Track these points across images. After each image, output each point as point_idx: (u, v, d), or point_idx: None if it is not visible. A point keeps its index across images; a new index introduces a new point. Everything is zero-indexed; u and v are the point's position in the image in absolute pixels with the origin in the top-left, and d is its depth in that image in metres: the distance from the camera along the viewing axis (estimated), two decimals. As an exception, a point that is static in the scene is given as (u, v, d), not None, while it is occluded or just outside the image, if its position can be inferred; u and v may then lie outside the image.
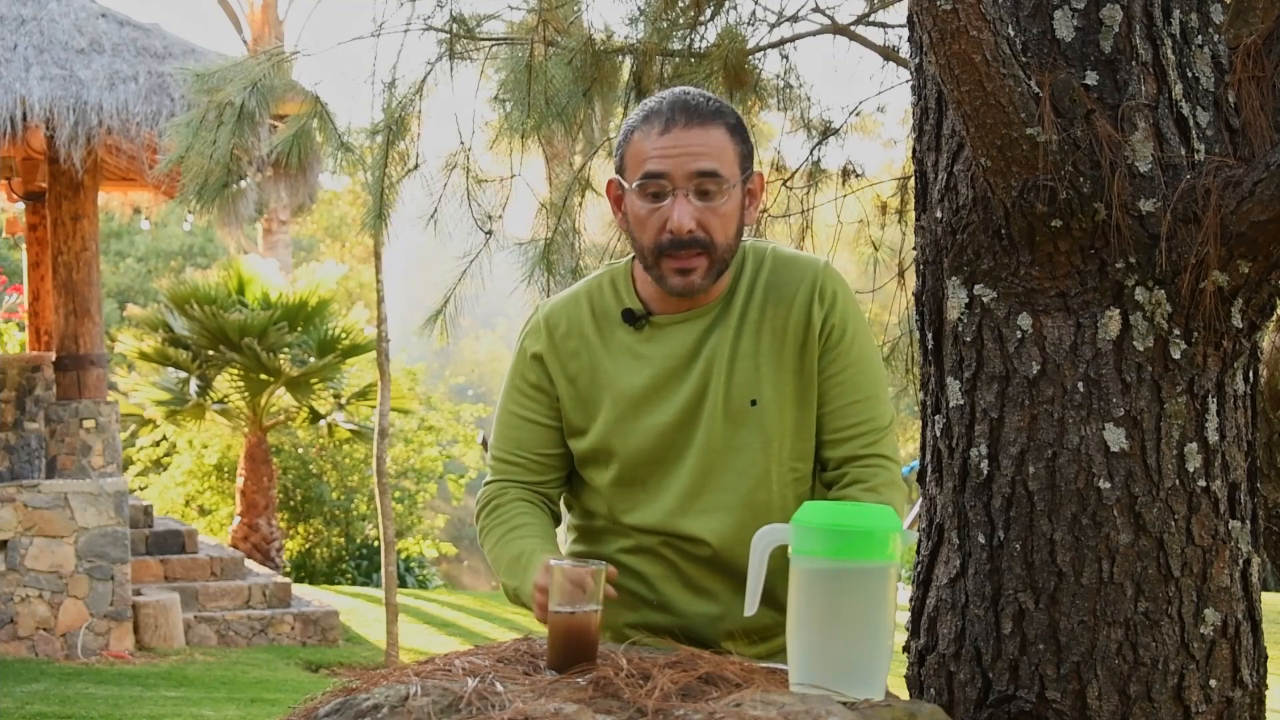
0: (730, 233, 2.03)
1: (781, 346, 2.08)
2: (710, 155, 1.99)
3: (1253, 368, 2.20)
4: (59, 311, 9.15)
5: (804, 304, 2.08)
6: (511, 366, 2.20)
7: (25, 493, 8.50)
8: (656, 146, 2.00)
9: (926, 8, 1.98)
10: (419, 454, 16.39)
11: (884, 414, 2.12)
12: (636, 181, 2.02)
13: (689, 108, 2.01)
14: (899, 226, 5.17)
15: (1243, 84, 2.15)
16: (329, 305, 13.01)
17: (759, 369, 2.08)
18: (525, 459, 2.19)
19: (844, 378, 2.09)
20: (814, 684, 1.62)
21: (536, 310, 2.21)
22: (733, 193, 2.02)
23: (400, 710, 1.56)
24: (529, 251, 5.02)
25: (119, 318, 19.56)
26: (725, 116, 2.03)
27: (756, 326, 2.09)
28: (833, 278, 2.10)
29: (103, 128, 8.35)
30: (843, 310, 2.09)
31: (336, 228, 27.85)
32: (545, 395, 2.16)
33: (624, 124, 2.10)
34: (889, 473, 2.10)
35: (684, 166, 1.98)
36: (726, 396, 2.08)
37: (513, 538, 2.12)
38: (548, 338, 2.15)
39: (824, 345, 2.08)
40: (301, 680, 8.34)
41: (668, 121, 2.00)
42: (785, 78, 5.03)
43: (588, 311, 2.15)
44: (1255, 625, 2.17)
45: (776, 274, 2.11)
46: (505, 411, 2.20)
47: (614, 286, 2.15)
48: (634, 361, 2.11)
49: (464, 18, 4.90)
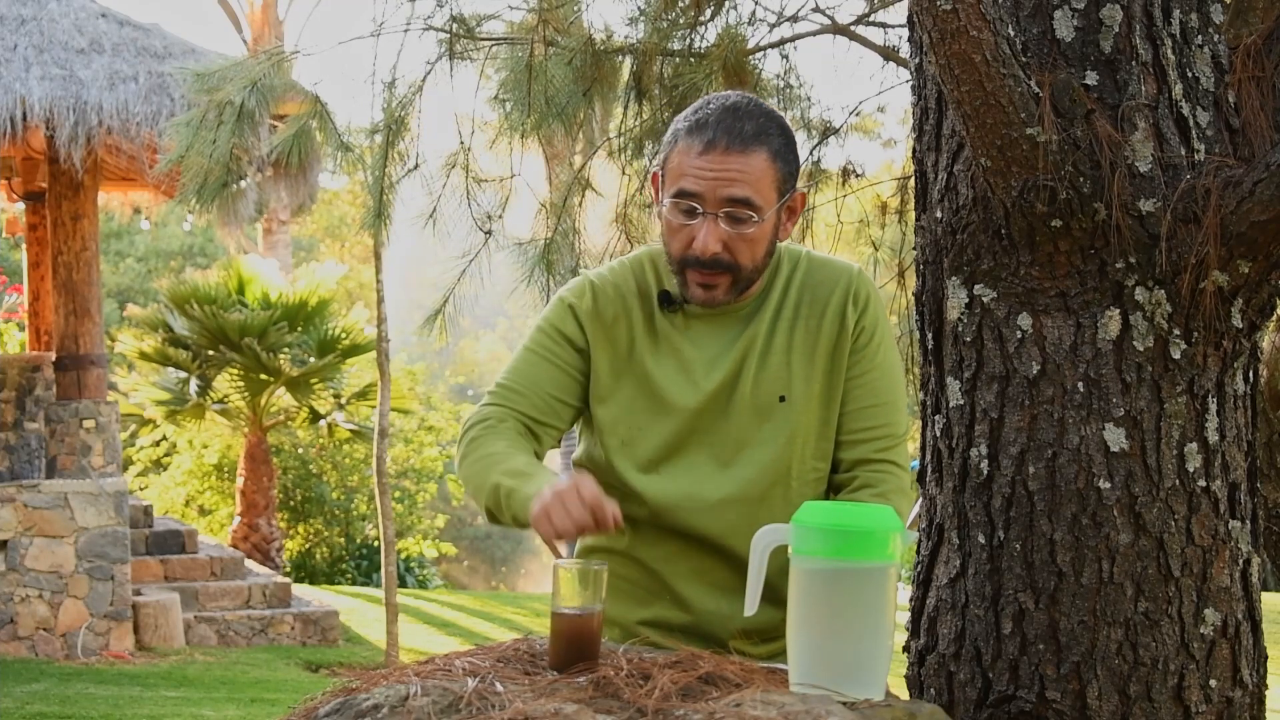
0: (758, 255, 2.05)
1: (815, 346, 2.10)
2: (746, 183, 1.99)
3: (1253, 368, 2.20)
4: (59, 311, 9.15)
5: (839, 306, 2.10)
6: (542, 318, 2.18)
7: (25, 493, 8.50)
8: (694, 165, 2.00)
9: (926, 8, 1.98)
10: (419, 454, 16.40)
11: (900, 422, 2.14)
12: (670, 196, 2.03)
13: (732, 131, 1.99)
14: (899, 226, 5.18)
15: (1243, 84, 2.15)
16: (329, 305, 13.01)
17: (790, 366, 2.10)
18: (533, 394, 2.13)
19: (866, 380, 2.11)
20: (814, 684, 1.62)
21: (579, 276, 2.21)
22: (765, 220, 2.02)
23: (400, 710, 1.56)
24: (529, 251, 5.02)
25: (119, 318, 19.57)
26: (770, 141, 2.01)
27: (790, 325, 2.11)
28: (866, 282, 2.14)
29: (103, 128, 8.35)
30: (873, 315, 2.12)
31: (336, 228, 27.85)
32: (574, 349, 2.14)
33: (674, 121, 2.09)
34: (898, 480, 2.11)
35: (717, 191, 1.99)
36: (755, 390, 2.09)
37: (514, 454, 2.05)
38: (593, 300, 2.15)
39: (852, 347, 2.11)
40: (301, 680, 8.34)
41: (709, 142, 1.99)
42: (785, 78, 5.03)
43: (634, 286, 2.16)
44: (1255, 625, 2.17)
45: (811, 276, 2.13)
46: (526, 351, 2.17)
47: (655, 267, 2.16)
48: (666, 344, 2.12)
49: (464, 18, 4.91)
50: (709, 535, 2.10)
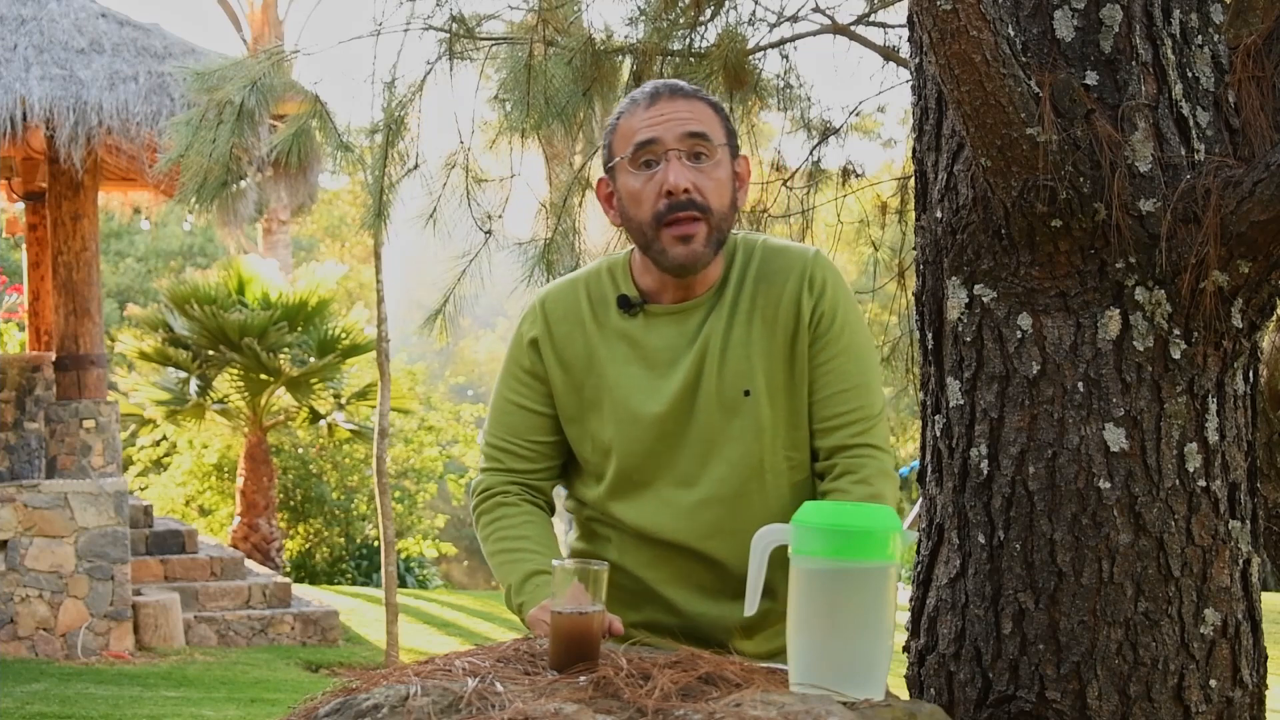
0: (725, 200, 2.06)
1: (773, 336, 2.09)
2: (698, 120, 2.05)
3: (1253, 368, 2.20)
4: (59, 311, 9.15)
5: (794, 293, 2.08)
6: (508, 352, 2.21)
7: (25, 493, 8.50)
8: (644, 118, 2.05)
9: (926, 8, 1.98)
10: (419, 454, 16.40)
11: (874, 403, 2.11)
12: (628, 157, 2.05)
13: (671, 85, 2.08)
14: (899, 226, 5.17)
15: (1243, 84, 2.15)
16: (329, 305, 13.00)
17: (751, 359, 2.09)
18: (519, 446, 2.19)
19: (833, 365, 2.09)
20: (814, 684, 1.62)
21: (536, 297, 2.22)
22: (723, 160, 2.06)
23: (400, 710, 1.56)
24: (529, 251, 5.02)
25: (119, 318, 19.56)
26: (707, 97, 2.10)
27: (748, 316, 2.09)
28: (822, 265, 2.10)
29: (103, 128, 8.35)
30: (832, 298, 2.09)
31: (336, 228, 27.85)
32: (540, 382, 2.17)
33: (609, 121, 2.14)
34: (879, 462, 2.09)
35: (673, 130, 2.03)
36: (719, 387, 2.08)
37: (522, 551, 2.14)
38: (544, 323, 2.16)
39: (814, 333, 2.08)
40: (301, 680, 8.34)
41: (653, 95, 2.07)
42: (785, 78, 5.03)
43: (585, 298, 2.16)
44: (1255, 625, 2.17)
45: (767, 264, 2.12)
46: (500, 397, 2.21)
47: (611, 275, 2.16)
48: (628, 350, 2.12)
49: (464, 17, 4.90)
50: (688, 542, 2.11)
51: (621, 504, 2.14)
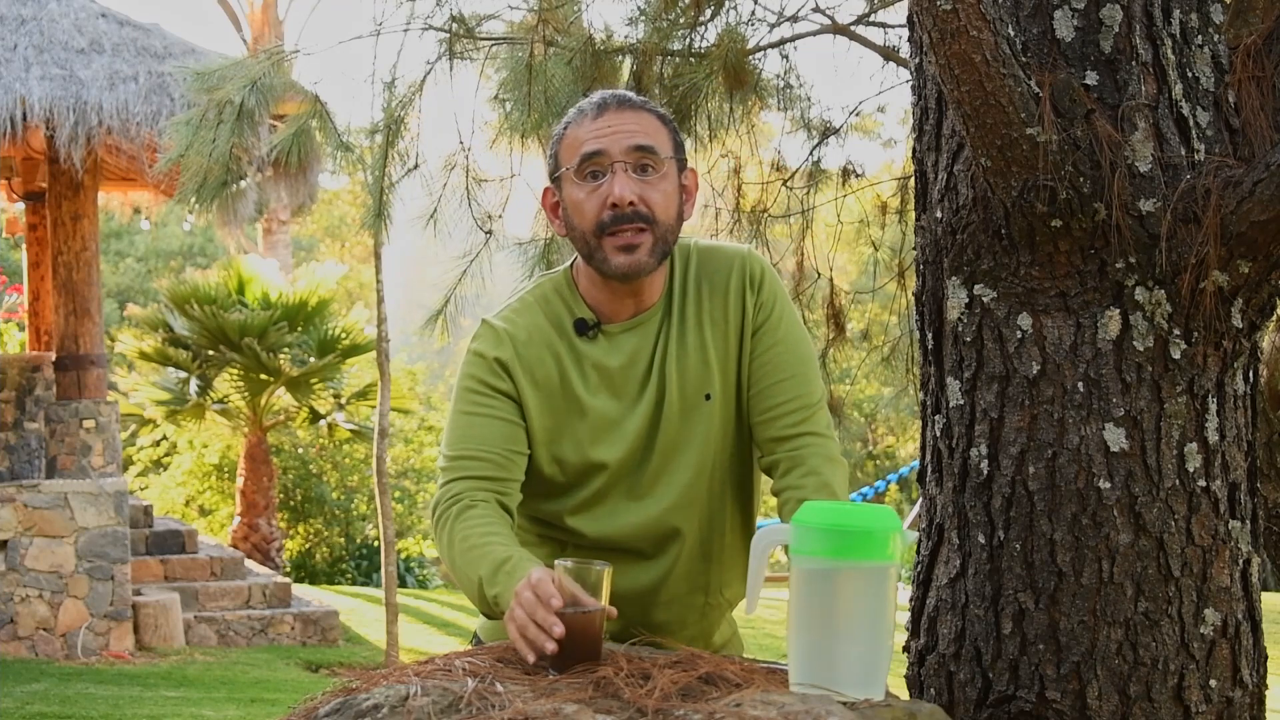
0: (671, 212, 2.05)
1: (725, 337, 2.11)
2: (645, 133, 2.04)
3: (1253, 368, 2.20)
4: (59, 311, 9.15)
5: (737, 291, 2.11)
6: (464, 376, 2.11)
7: (25, 493, 8.50)
8: (591, 129, 2.04)
9: (926, 8, 1.98)
10: (419, 454, 16.40)
11: (813, 390, 2.12)
12: (574, 168, 2.04)
13: (619, 96, 2.07)
14: (899, 226, 5.18)
15: (1243, 84, 2.15)
16: (329, 305, 13.00)
17: (709, 363, 2.10)
18: (486, 453, 2.06)
19: (771, 356, 2.11)
20: (814, 684, 1.62)
21: (483, 324, 2.15)
22: (669, 173, 2.05)
23: (400, 710, 1.56)
24: (529, 251, 5.02)
25: (119, 318, 19.57)
26: (655, 109, 2.09)
27: (698, 320, 2.11)
28: (757, 260, 2.13)
29: (103, 128, 8.36)
30: (770, 291, 2.12)
31: (336, 228, 27.85)
32: (510, 400, 2.09)
33: (555, 130, 2.12)
34: (822, 447, 2.09)
35: (620, 143, 2.02)
36: (683, 395, 2.09)
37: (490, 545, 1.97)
38: (511, 345, 2.10)
39: (755, 328, 2.11)
40: (301, 680, 8.34)
41: (600, 106, 2.05)
42: (785, 78, 5.03)
43: (545, 320, 2.13)
44: (1255, 625, 2.17)
45: (704, 265, 2.13)
46: (460, 415, 2.09)
47: (560, 296, 2.14)
48: (596, 375, 2.10)
49: (464, 17, 4.91)
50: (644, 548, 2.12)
51: (581, 517, 2.13)
